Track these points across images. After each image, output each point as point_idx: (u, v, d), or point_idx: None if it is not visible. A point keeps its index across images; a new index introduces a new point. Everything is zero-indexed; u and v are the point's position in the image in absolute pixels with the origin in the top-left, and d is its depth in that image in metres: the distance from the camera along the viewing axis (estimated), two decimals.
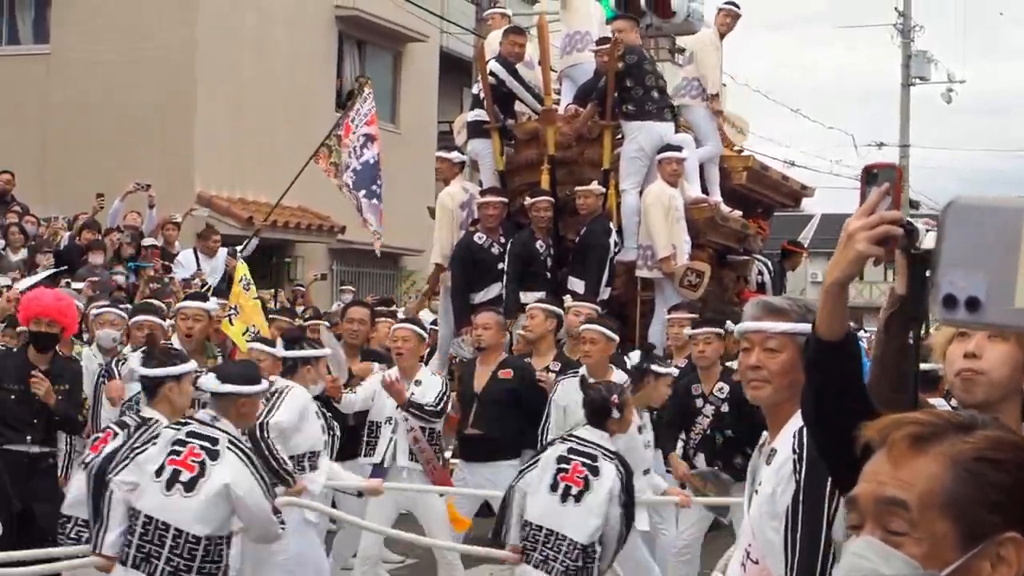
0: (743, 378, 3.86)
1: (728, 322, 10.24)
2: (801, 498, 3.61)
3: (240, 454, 5.85)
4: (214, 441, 5.79)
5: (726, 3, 12.51)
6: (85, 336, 10.13)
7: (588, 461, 6.33)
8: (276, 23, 22.11)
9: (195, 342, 8.29)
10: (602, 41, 11.60)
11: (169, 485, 5.69)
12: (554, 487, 6.32)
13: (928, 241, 2.50)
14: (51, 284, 11.97)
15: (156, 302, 10.50)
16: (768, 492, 3.69)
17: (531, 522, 6.36)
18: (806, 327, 3.73)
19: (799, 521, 3.60)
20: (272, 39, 21.96)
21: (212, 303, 8.83)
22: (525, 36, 12.27)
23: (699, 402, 8.33)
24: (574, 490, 6.28)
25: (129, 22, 20.65)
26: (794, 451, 3.65)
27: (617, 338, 8.50)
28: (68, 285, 12.10)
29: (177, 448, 5.79)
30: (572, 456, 6.37)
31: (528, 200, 11.14)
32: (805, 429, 3.67)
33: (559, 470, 6.34)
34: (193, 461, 5.74)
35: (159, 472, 5.71)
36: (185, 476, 5.71)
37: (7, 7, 22.64)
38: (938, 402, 6.10)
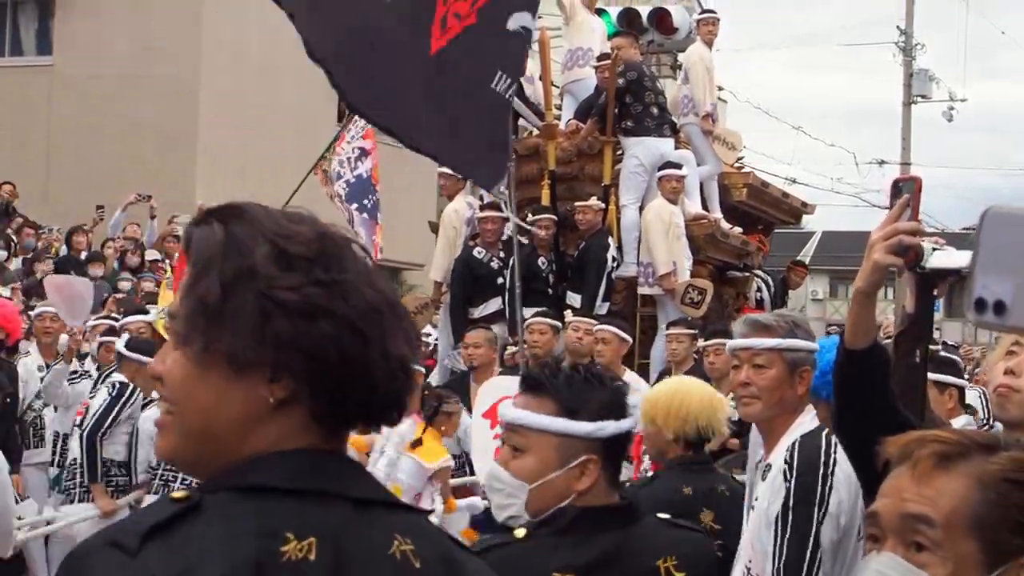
0: (735, 395, 3.89)
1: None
2: (791, 503, 3.63)
3: None
4: None
5: (703, 12, 12.63)
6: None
7: None
8: (279, 38, 22.05)
9: None
10: (603, 57, 11.63)
11: None
12: None
13: (935, 260, 2.53)
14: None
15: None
16: (764, 507, 3.71)
17: None
18: (794, 343, 3.78)
19: (788, 524, 3.63)
20: (275, 53, 21.95)
21: (153, 313, 8.93)
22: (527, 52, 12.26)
23: None
24: None
25: (133, 35, 20.70)
26: (786, 461, 3.68)
27: (630, 339, 8.60)
28: None
29: None
30: None
31: (531, 217, 11.15)
32: (799, 442, 3.71)
33: None
34: None
35: None
36: None
37: (10, 18, 22.69)
38: (964, 421, 6.12)
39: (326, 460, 1.56)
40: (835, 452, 3.65)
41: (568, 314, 10.09)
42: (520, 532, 2.76)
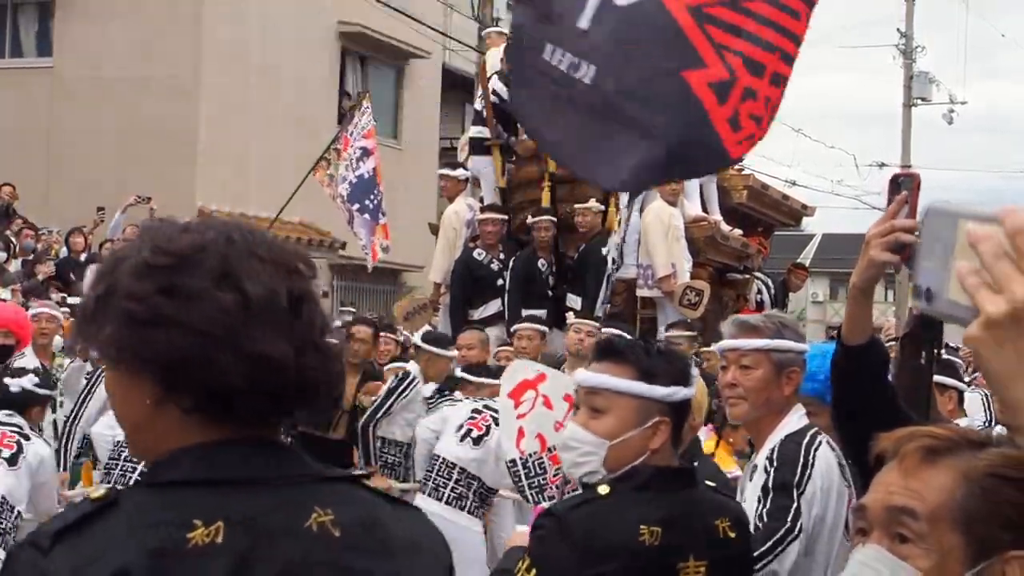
0: (723, 396, 3.91)
1: (715, 345, 10.29)
2: (770, 485, 3.70)
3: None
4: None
5: None
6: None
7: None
8: (279, 39, 22.14)
9: None
10: None
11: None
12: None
13: None
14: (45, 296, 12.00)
15: None
16: (751, 508, 3.72)
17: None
18: (781, 343, 3.80)
19: (766, 505, 3.67)
20: (275, 54, 22.00)
21: None
22: None
23: None
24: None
25: (133, 37, 20.69)
26: (767, 459, 3.71)
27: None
28: (64, 300, 12.09)
29: None
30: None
31: (530, 219, 11.17)
32: (781, 441, 3.73)
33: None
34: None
35: None
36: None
37: (10, 20, 22.70)
38: (965, 423, 6.12)
39: (233, 450, 1.64)
40: (815, 450, 3.70)
41: (570, 316, 10.09)
42: (604, 488, 2.97)
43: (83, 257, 15.08)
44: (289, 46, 22.35)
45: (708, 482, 3.29)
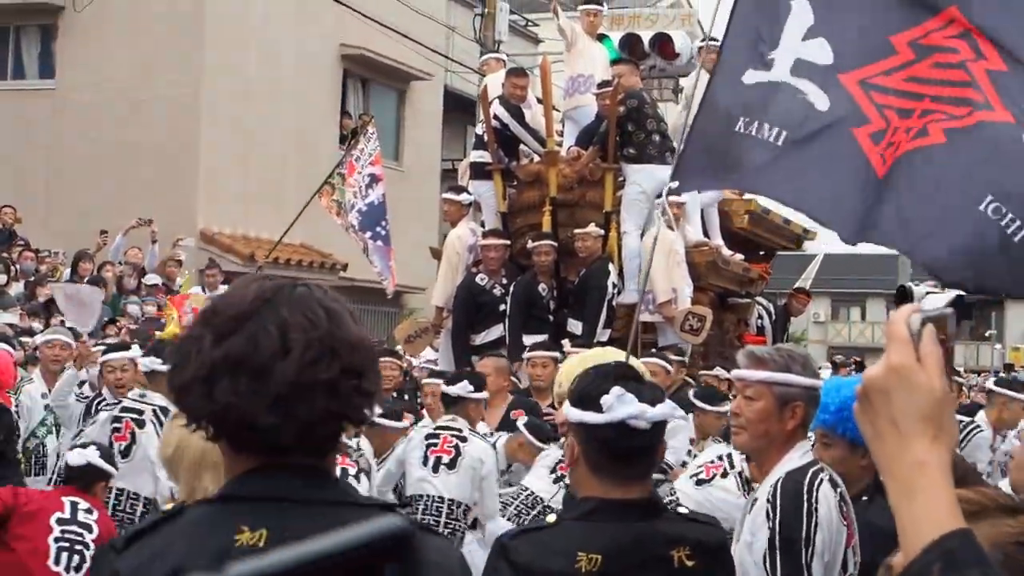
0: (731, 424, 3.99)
1: (718, 368, 10.29)
2: (777, 543, 3.65)
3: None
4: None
5: (705, 39, 12.58)
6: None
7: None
8: (281, 61, 22.20)
9: (127, 391, 8.41)
10: (603, 85, 11.65)
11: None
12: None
13: (928, 302, 2.53)
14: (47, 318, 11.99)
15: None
16: (748, 540, 3.74)
17: None
18: (785, 377, 3.84)
19: (776, 566, 3.65)
20: (277, 77, 22.05)
21: (135, 350, 8.78)
22: (527, 78, 12.31)
23: None
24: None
25: (135, 59, 20.75)
26: (768, 499, 3.70)
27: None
28: (63, 323, 12.08)
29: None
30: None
31: (531, 243, 11.19)
32: (782, 479, 3.74)
33: None
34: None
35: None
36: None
37: (13, 41, 22.77)
38: None
39: (269, 475, 1.92)
40: (818, 490, 3.71)
41: (566, 343, 10.09)
42: (552, 518, 3.20)
43: (85, 280, 15.09)
44: (291, 68, 22.41)
45: (682, 510, 3.52)
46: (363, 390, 1.93)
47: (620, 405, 3.12)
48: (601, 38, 13.05)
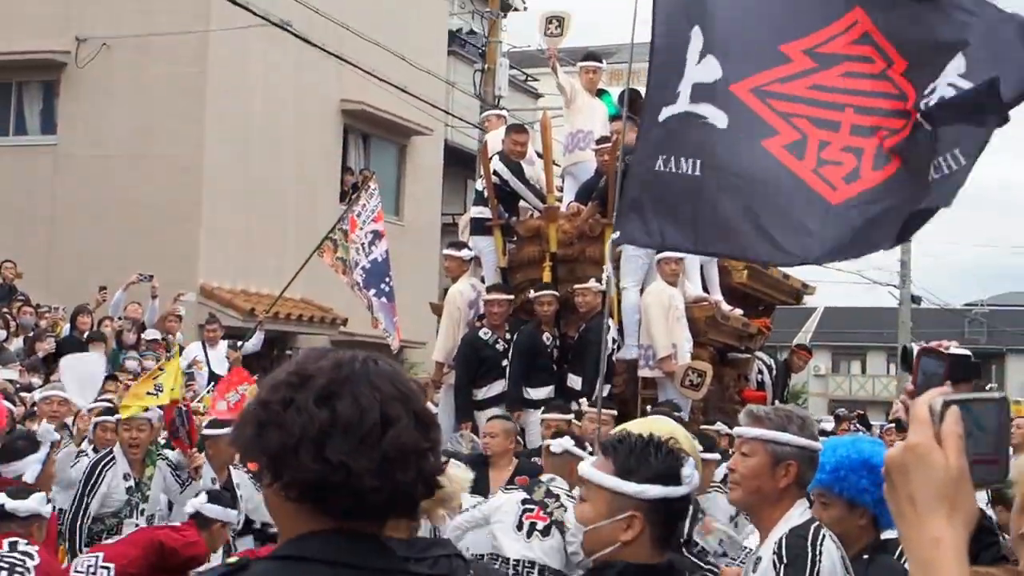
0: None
1: (719, 423, 10.27)
2: None
3: None
4: None
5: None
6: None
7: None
8: (282, 116, 22.31)
9: (141, 450, 8.56)
10: (602, 140, 11.71)
11: None
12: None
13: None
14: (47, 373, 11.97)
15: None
16: None
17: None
18: (779, 436, 3.90)
19: None
20: (278, 132, 22.15)
21: (152, 412, 8.85)
22: (527, 134, 12.37)
23: None
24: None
25: (136, 114, 20.86)
26: (774, 553, 3.73)
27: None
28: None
29: None
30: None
31: (533, 294, 11.21)
32: (786, 535, 3.76)
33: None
34: None
35: None
36: None
37: (15, 98, 22.89)
38: None
39: (332, 538, 1.96)
40: (821, 544, 3.76)
41: (583, 403, 10.09)
42: None
43: (85, 335, 15.09)
44: (291, 123, 22.51)
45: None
46: (438, 464, 2.04)
47: (695, 474, 3.27)
48: (600, 93, 13.11)
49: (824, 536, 3.79)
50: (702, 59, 5.05)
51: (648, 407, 10.32)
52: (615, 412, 9.88)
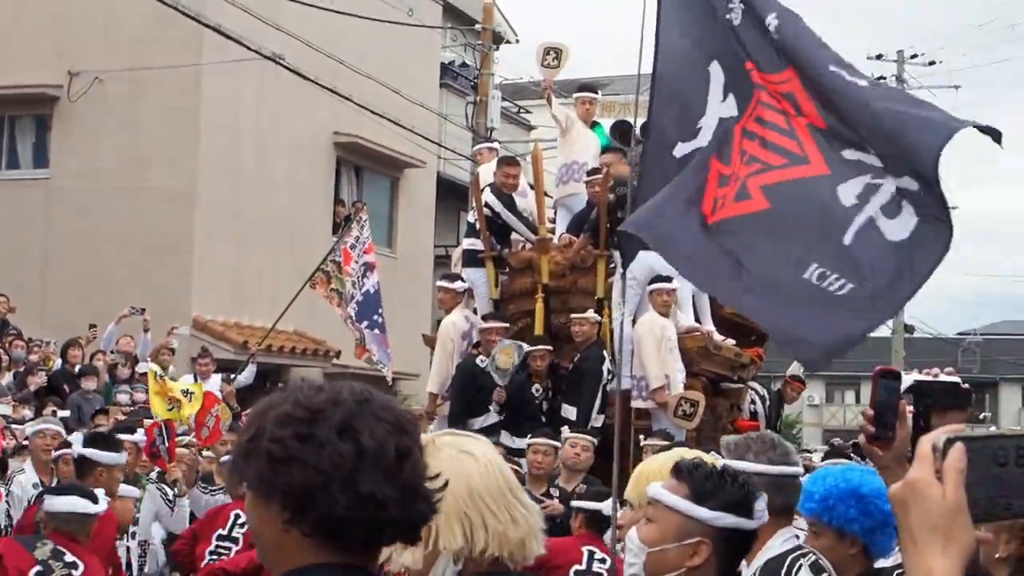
0: None
1: (713, 453, 10.20)
2: None
3: None
4: None
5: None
6: None
7: None
8: (275, 149, 22.33)
9: (129, 472, 8.55)
10: (593, 172, 11.73)
11: None
12: None
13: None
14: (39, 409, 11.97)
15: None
16: None
17: None
18: (739, 464, 3.90)
19: None
20: (271, 165, 22.18)
21: (140, 435, 8.87)
22: (519, 167, 12.40)
23: None
24: None
25: (129, 149, 20.89)
26: None
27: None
28: (55, 413, 12.05)
29: None
30: None
31: (527, 348, 11.16)
32: (761, 567, 3.76)
33: None
34: None
35: None
36: None
37: (7, 131, 22.92)
38: None
39: (337, 572, 1.99)
40: (797, 574, 3.78)
41: (565, 430, 10.08)
42: None
43: (77, 369, 15.06)
44: (284, 156, 22.54)
45: None
46: (434, 491, 2.07)
47: (764, 510, 3.23)
48: (593, 125, 13.16)
49: (800, 567, 3.77)
50: (725, 96, 5.06)
51: (641, 437, 10.29)
52: (595, 440, 9.88)
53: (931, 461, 1.64)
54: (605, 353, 11.05)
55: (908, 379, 3.22)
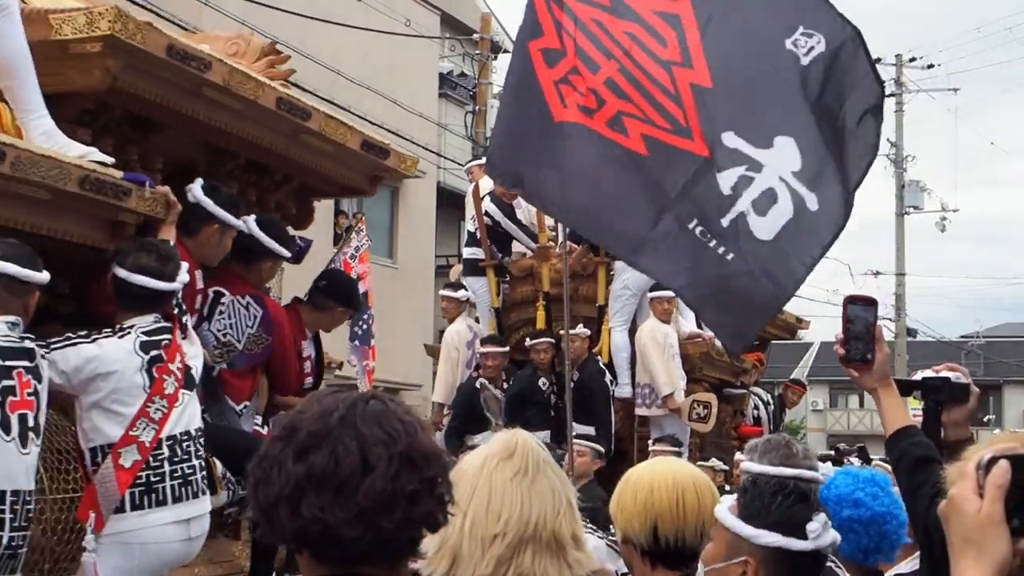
0: None
1: (713, 459, 10.27)
2: None
3: None
4: None
5: None
6: None
7: None
8: None
9: None
10: None
11: None
12: None
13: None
14: None
15: None
16: None
17: None
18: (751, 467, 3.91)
19: None
20: None
21: None
22: None
23: None
24: None
25: None
26: None
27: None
28: None
29: None
30: None
31: (529, 341, 11.18)
32: None
33: None
34: None
35: None
36: None
37: None
38: None
39: None
40: None
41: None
42: None
43: None
44: None
45: None
46: (439, 497, 2.01)
47: (825, 533, 3.09)
48: None
49: None
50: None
51: (650, 442, 10.31)
52: (601, 448, 9.87)
53: (973, 479, 1.74)
54: (603, 366, 11.09)
55: (916, 378, 3.27)
